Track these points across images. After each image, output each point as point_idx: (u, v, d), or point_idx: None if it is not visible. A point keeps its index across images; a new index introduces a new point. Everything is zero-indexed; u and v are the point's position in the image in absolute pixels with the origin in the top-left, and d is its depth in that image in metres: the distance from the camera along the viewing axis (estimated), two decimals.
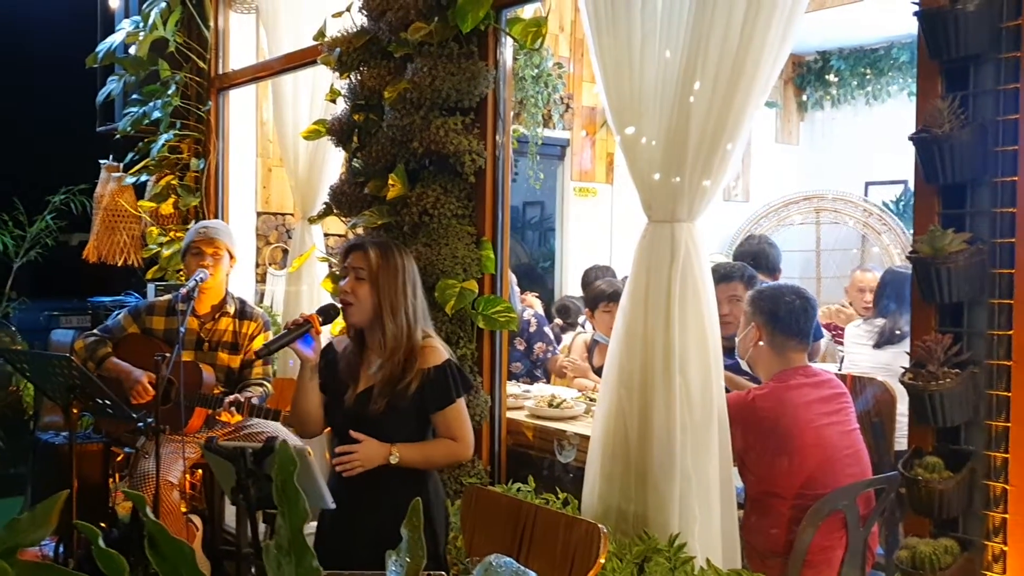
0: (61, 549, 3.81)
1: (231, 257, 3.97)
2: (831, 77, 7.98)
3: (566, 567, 2.14)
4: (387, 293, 2.62)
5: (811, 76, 8.11)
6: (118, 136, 5.31)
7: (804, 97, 8.22)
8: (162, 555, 0.94)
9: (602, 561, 2.09)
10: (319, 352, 2.66)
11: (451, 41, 3.18)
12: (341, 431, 2.68)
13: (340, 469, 2.55)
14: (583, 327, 5.34)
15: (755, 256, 4.50)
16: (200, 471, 4.25)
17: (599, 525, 2.21)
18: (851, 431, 2.85)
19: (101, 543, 0.99)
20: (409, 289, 2.66)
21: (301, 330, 2.60)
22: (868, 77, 7.78)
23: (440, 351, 2.66)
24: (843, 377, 3.47)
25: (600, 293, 4.49)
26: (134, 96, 5.12)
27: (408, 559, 0.96)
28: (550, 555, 2.25)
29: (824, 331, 4.52)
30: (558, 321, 5.54)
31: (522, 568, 0.99)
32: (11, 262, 6.89)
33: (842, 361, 4.30)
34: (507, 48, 3.24)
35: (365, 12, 3.52)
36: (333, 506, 2.14)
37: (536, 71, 6.55)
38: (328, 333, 4.37)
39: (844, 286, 5.75)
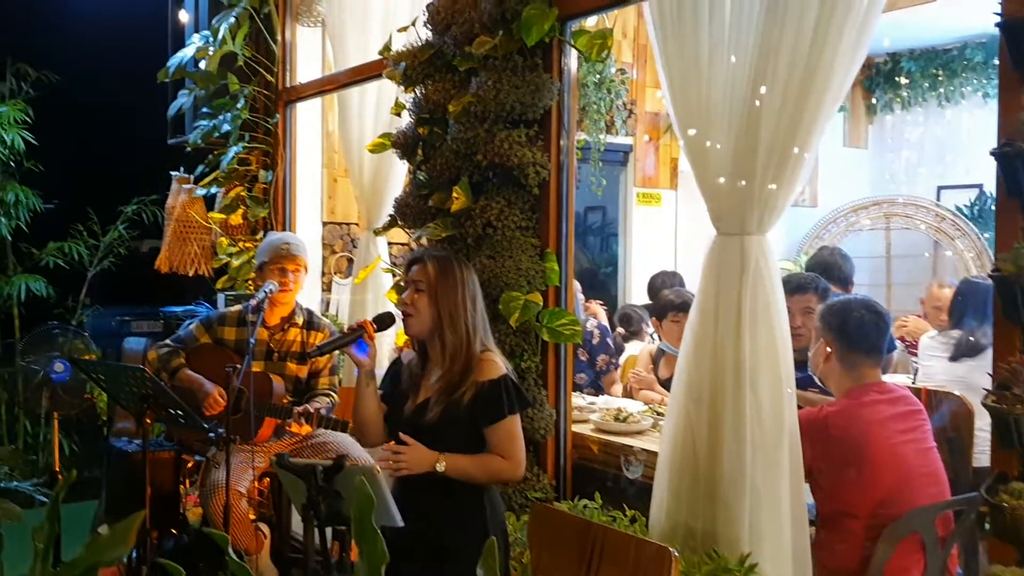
0: (134, 555, 3.89)
1: (306, 270, 4.04)
2: (901, 79, 7.79)
3: None
4: (446, 305, 2.64)
5: (880, 78, 7.93)
6: (188, 149, 5.42)
7: (873, 100, 8.05)
8: None
9: None
10: (374, 357, 2.71)
11: (515, 54, 3.18)
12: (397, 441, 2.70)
13: (384, 467, 2.58)
14: (652, 337, 5.29)
15: (827, 268, 4.41)
16: (268, 479, 4.31)
17: (670, 548, 2.17)
18: (928, 449, 2.76)
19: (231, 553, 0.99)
20: (469, 302, 2.68)
21: (353, 335, 2.65)
22: (940, 78, 7.57)
23: (498, 365, 2.67)
24: (917, 391, 3.38)
25: (668, 303, 4.44)
26: (204, 109, 5.21)
27: None
28: None
29: (897, 342, 4.41)
30: (620, 330, 5.50)
31: None
32: (86, 270, 7.07)
33: (916, 373, 4.19)
34: (572, 59, 3.23)
35: (430, 26, 3.53)
36: (401, 524, 2.14)
37: (599, 77, 6.52)
38: (388, 344, 4.42)
39: (917, 295, 5.61)
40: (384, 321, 2.75)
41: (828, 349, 2.83)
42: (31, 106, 6.68)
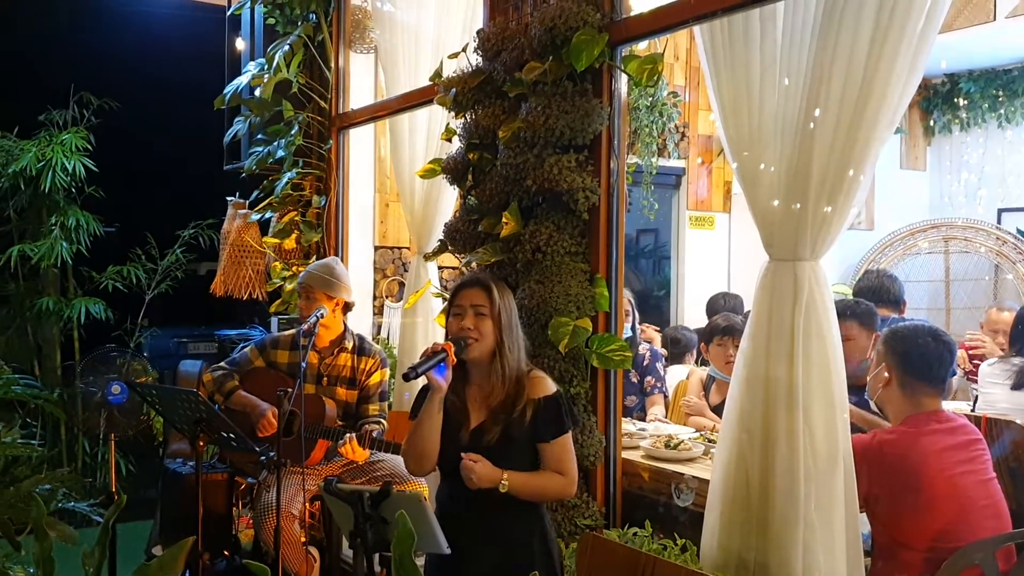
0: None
1: (337, 302, 4.01)
2: (960, 100, 7.65)
3: None
4: (505, 328, 2.68)
5: (938, 99, 7.80)
6: (244, 174, 5.51)
7: (931, 121, 7.92)
8: None
9: None
10: (449, 381, 2.65)
11: (565, 79, 3.18)
12: (452, 468, 2.65)
13: (465, 474, 2.55)
14: (698, 360, 5.23)
15: (876, 291, 4.35)
16: (319, 502, 4.34)
17: None
18: (988, 480, 2.68)
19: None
20: (517, 327, 2.74)
21: (440, 357, 2.60)
22: (1000, 99, 7.43)
23: (549, 382, 2.71)
24: (977, 419, 3.29)
25: (715, 327, 4.40)
26: (259, 136, 5.29)
27: None
28: None
29: (957, 368, 4.31)
30: (663, 351, 5.45)
31: None
32: (144, 293, 7.21)
33: (975, 401, 4.08)
34: (622, 84, 3.22)
35: (480, 52, 3.56)
36: (448, 551, 2.13)
37: (651, 100, 6.50)
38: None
39: (977, 319, 5.48)
40: (459, 345, 2.68)
41: (888, 374, 2.77)
42: (92, 133, 6.85)
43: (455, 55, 3.69)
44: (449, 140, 3.82)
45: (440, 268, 5.44)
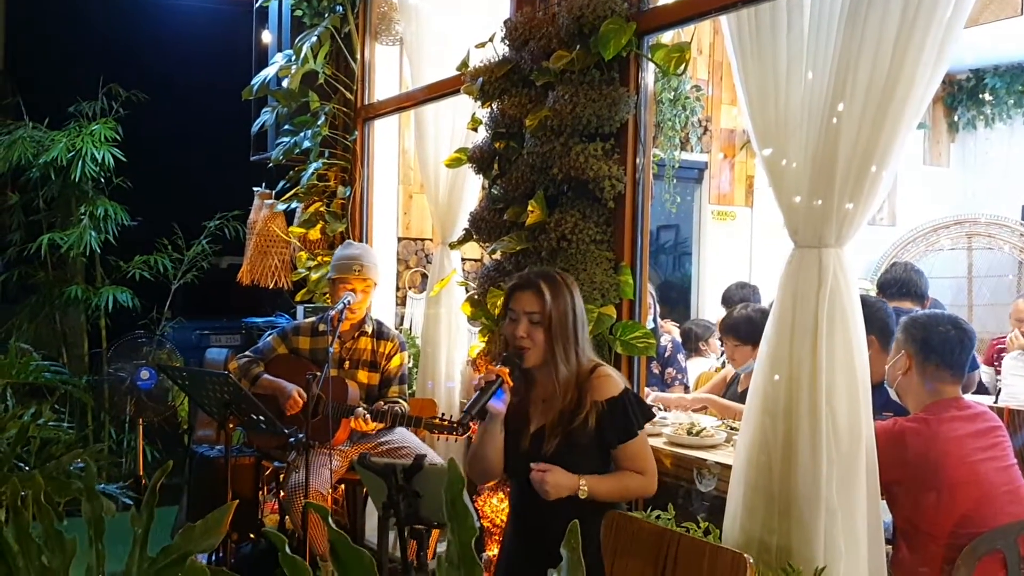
0: (214, 557, 4.00)
1: (375, 286, 4.12)
2: (985, 96, 7.62)
3: None
4: (560, 334, 2.59)
5: (963, 95, 7.77)
6: (270, 165, 5.57)
7: (955, 117, 7.89)
8: (343, 563, 0.99)
9: None
10: (508, 404, 2.62)
11: (592, 68, 3.22)
12: (518, 473, 2.66)
13: (536, 482, 2.49)
14: (716, 354, 5.25)
15: (901, 284, 4.36)
16: (343, 486, 4.39)
17: (744, 555, 2.17)
18: (1009, 467, 2.70)
19: (287, 550, 1.05)
20: (579, 324, 2.63)
21: (496, 385, 2.56)
22: None
23: (616, 381, 2.61)
24: (1000, 410, 3.30)
25: (725, 326, 4.36)
26: (286, 127, 5.36)
27: None
28: None
29: (979, 362, 4.32)
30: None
31: None
32: (170, 283, 7.29)
33: (998, 393, 4.09)
34: (649, 73, 3.25)
35: (508, 42, 3.60)
36: (479, 523, 2.17)
37: (674, 94, 6.52)
38: (460, 360, 4.46)
39: (1000, 316, 5.47)
40: (512, 363, 2.64)
41: (908, 362, 2.79)
42: (120, 124, 6.94)
43: (482, 44, 3.73)
44: (475, 129, 3.87)
45: (463, 260, 5.49)
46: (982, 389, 4.36)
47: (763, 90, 2.72)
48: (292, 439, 3.46)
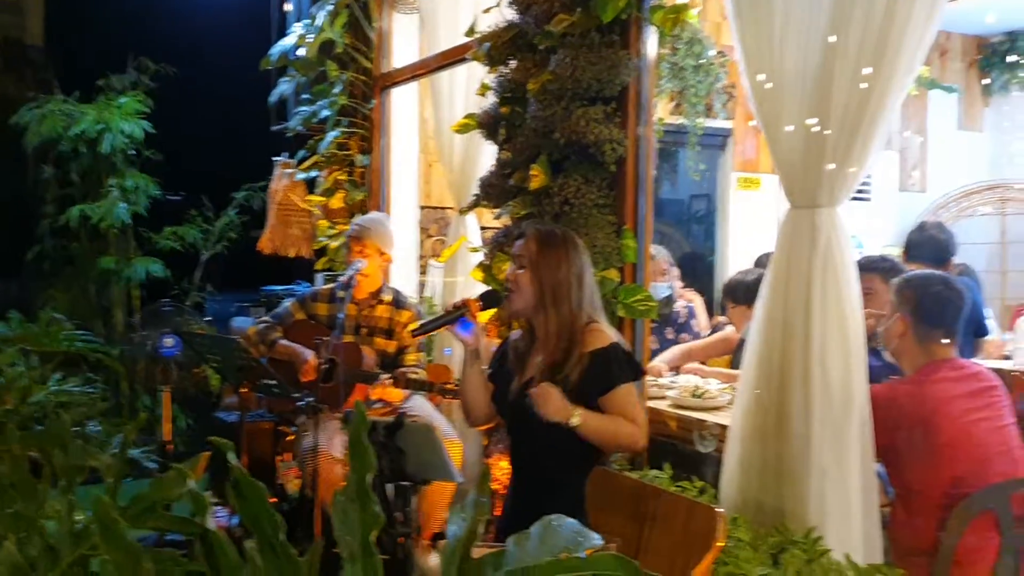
0: (236, 520, 4.09)
1: (381, 254, 4.12)
2: (1020, 59, 7.44)
3: (687, 549, 2.14)
4: (548, 281, 2.57)
5: (997, 59, 7.59)
6: (290, 135, 5.63)
7: (989, 80, 7.71)
8: (243, 496, 1.02)
9: (720, 545, 2.08)
10: (478, 336, 2.66)
11: (593, 31, 3.21)
12: (509, 422, 2.70)
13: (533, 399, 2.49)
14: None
15: (922, 244, 4.29)
16: None
17: (718, 509, 2.19)
18: (1004, 427, 2.67)
19: (232, 458, 1.08)
20: (574, 278, 2.59)
21: (456, 313, 2.61)
22: None
23: (605, 334, 2.58)
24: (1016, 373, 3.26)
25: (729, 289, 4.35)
26: (304, 96, 5.40)
27: (471, 515, 1.01)
28: (671, 537, 2.25)
29: (988, 328, 4.26)
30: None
31: (583, 528, 1.02)
32: (199, 254, 7.41)
33: (1014, 357, 4.03)
34: (650, 36, 3.23)
35: (514, 6, 3.59)
36: (462, 480, 2.21)
37: (698, 61, 6.45)
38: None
39: None
40: (489, 299, 2.70)
41: (902, 324, 2.77)
42: (149, 97, 7.03)
43: (489, 10, 3.73)
44: (484, 95, 3.87)
45: (483, 229, 5.51)
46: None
47: (759, 50, 2.70)
48: (300, 403, 3.52)
